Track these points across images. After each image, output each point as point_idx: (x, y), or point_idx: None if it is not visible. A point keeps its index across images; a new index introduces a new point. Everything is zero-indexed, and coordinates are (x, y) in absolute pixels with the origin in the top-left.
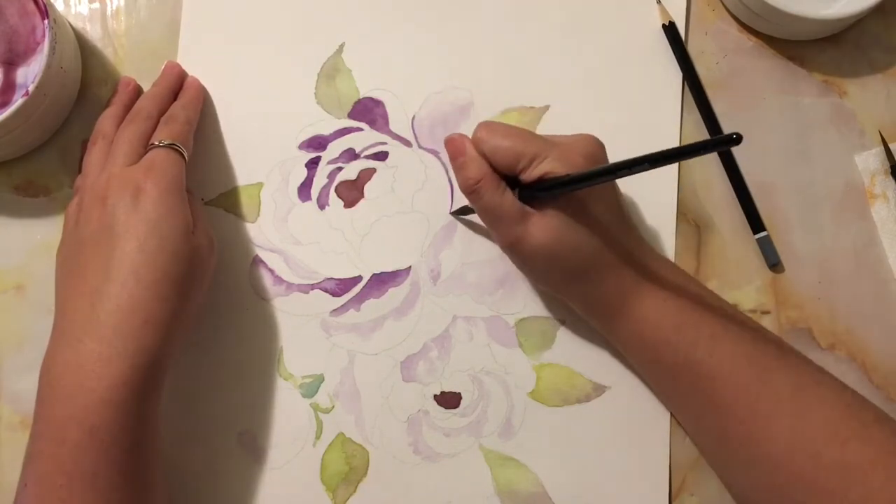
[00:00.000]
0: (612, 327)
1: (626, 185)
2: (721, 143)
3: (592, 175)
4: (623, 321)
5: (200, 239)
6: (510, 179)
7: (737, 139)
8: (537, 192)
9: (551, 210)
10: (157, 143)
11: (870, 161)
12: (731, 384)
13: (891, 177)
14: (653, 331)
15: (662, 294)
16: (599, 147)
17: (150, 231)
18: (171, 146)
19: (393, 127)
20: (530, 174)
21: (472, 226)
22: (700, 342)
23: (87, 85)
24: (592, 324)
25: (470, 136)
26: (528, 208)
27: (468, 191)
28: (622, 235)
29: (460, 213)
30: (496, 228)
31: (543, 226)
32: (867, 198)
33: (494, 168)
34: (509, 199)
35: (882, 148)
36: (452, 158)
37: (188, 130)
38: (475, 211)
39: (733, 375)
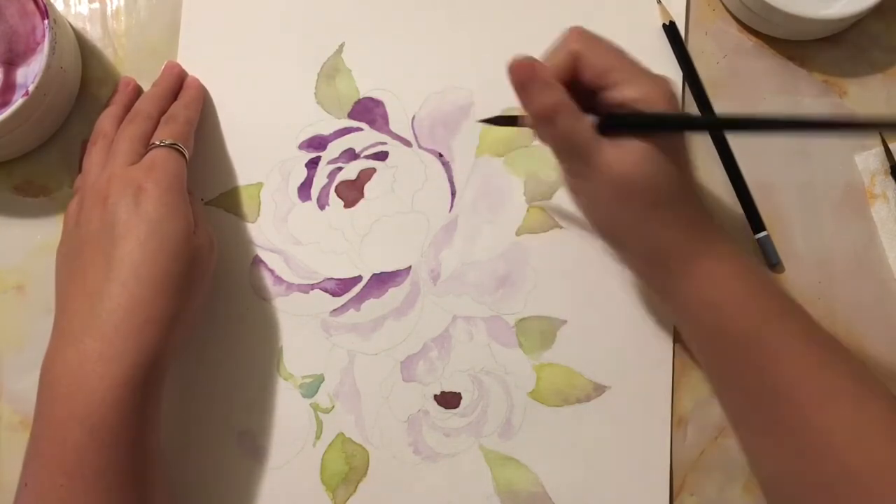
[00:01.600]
0: (674, 282)
1: None
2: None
3: (708, 124)
4: (687, 276)
5: (201, 239)
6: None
7: None
8: (626, 129)
9: (630, 139)
10: (157, 142)
11: (870, 161)
12: (796, 364)
13: (891, 177)
14: (720, 293)
15: (733, 257)
16: (675, 97)
17: (151, 231)
18: (171, 146)
19: (393, 127)
20: (612, 95)
21: (473, 224)
22: (772, 316)
23: (87, 85)
24: (649, 282)
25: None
26: (600, 137)
27: (543, 119)
28: (692, 185)
29: (492, 122)
30: (568, 158)
31: (623, 154)
32: (867, 198)
33: (573, 77)
34: (586, 125)
35: (882, 148)
36: (522, 85)
37: (189, 130)
38: (531, 132)
39: (798, 355)
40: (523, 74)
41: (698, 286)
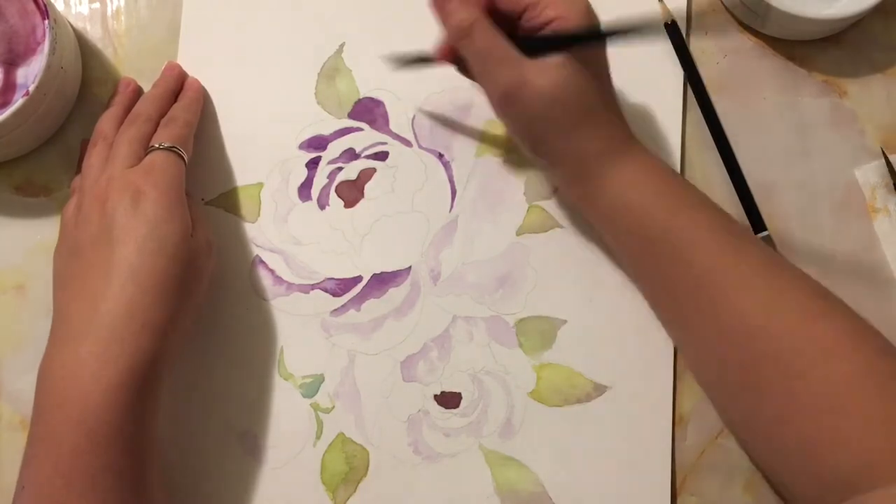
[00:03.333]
0: (596, 191)
1: None
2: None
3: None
4: (607, 181)
5: (199, 242)
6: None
7: None
8: (543, 45)
9: (552, 56)
10: (157, 145)
11: (869, 175)
12: (710, 251)
13: (894, 191)
14: (638, 194)
15: (646, 160)
16: (591, 11)
17: (149, 234)
18: (171, 149)
19: (393, 127)
20: (531, 19)
21: (473, 224)
22: (682, 210)
23: (87, 85)
24: (571, 189)
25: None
26: (522, 56)
27: (460, 35)
28: (612, 94)
29: (406, 64)
30: (492, 74)
31: (547, 69)
32: (868, 212)
33: (492, 7)
34: (504, 40)
35: (882, 161)
36: (440, 4)
37: (188, 133)
38: (454, 60)
39: (712, 243)
40: None
41: (616, 189)
